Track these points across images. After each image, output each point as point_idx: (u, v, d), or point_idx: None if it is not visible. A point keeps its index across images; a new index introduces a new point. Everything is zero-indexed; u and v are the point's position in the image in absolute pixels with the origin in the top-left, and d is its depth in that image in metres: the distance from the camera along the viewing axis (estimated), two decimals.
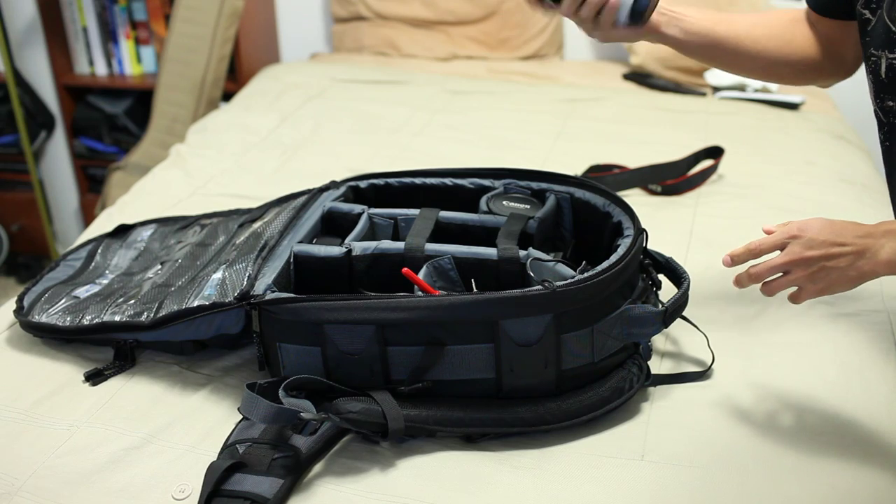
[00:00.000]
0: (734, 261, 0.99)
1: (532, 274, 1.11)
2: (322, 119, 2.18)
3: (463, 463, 1.00)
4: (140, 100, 2.85)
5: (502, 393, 1.04)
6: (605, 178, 1.70)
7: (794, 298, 0.99)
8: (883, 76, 1.01)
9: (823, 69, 1.20)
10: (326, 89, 2.40)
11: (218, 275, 1.19)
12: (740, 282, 0.99)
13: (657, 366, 1.17)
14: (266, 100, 2.34)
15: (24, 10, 2.84)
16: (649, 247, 1.21)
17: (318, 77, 2.49)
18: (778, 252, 0.98)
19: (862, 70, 1.12)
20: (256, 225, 1.32)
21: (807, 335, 1.24)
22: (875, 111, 1.06)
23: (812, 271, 0.95)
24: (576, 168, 1.80)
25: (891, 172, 1.07)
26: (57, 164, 3.04)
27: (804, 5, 1.21)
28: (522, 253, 1.14)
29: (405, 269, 1.09)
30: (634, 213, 1.19)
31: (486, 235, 1.22)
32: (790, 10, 1.23)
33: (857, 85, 1.43)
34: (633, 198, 1.72)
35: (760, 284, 0.99)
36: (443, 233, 1.24)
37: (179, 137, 2.47)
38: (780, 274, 0.98)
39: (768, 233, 0.99)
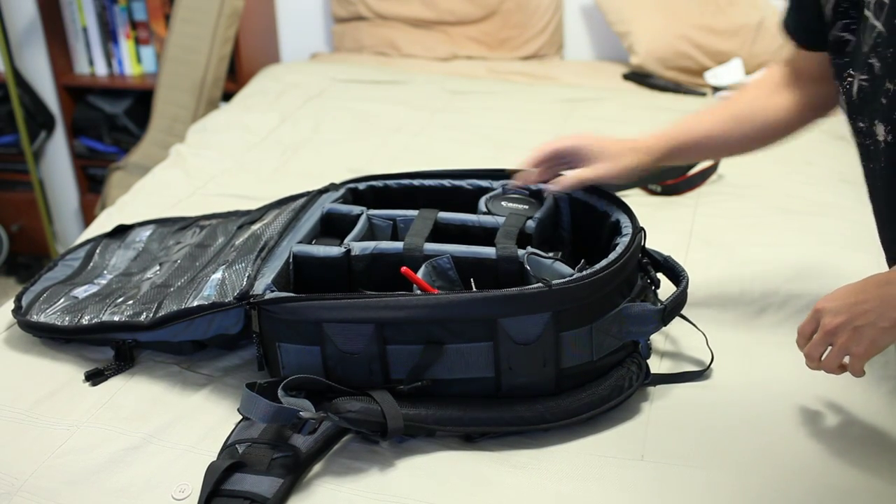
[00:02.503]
0: (799, 346, 1.02)
1: (529, 269, 1.11)
2: (322, 119, 2.18)
3: (462, 462, 1.00)
4: (140, 100, 2.85)
5: (501, 392, 1.04)
6: None
7: (851, 369, 0.98)
8: (855, 97, 1.01)
9: (807, 120, 1.21)
10: (326, 89, 2.40)
11: (217, 275, 1.19)
12: (808, 366, 1.01)
13: (657, 365, 1.17)
14: (266, 100, 2.34)
15: (24, 10, 2.85)
16: (648, 246, 1.21)
17: (318, 77, 2.49)
18: None
19: None
20: (256, 226, 1.32)
21: None
22: (850, 132, 1.06)
23: (848, 335, 0.95)
24: None
25: (871, 192, 1.07)
26: (57, 164, 3.04)
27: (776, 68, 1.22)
28: (521, 252, 1.14)
29: (404, 269, 1.09)
30: (632, 212, 1.19)
31: (484, 236, 1.22)
32: (762, 85, 1.22)
33: None
34: (633, 198, 1.72)
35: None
36: (442, 233, 1.24)
37: (179, 137, 2.47)
38: (829, 348, 0.98)
39: None
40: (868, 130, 1.00)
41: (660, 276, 1.20)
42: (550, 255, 1.14)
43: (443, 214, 1.26)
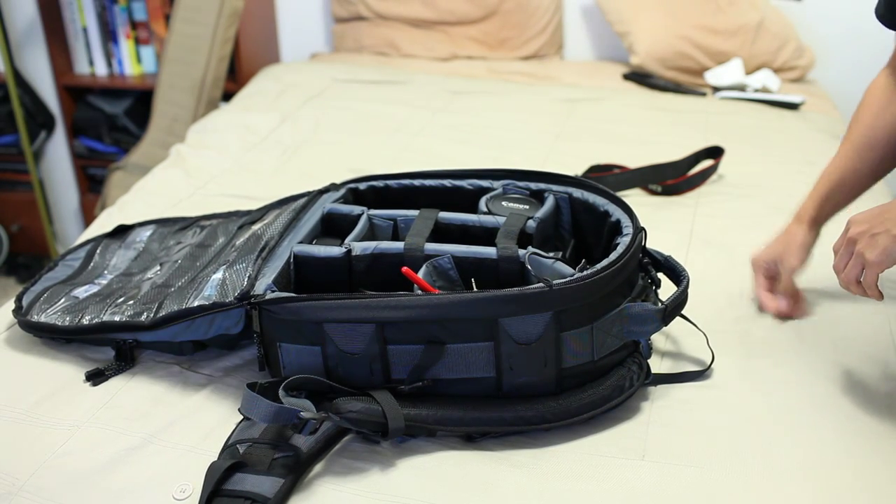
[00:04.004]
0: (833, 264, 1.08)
1: (530, 268, 1.11)
2: (322, 119, 2.18)
3: (463, 463, 1.00)
4: (140, 100, 2.85)
5: (502, 392, 1.04)
6: (606, 179, 1.70)
7: (865, 282, 1.02)
8: None
9: None
10: (326, 89, 2.40)
11: (218, 275, 1.19)
12: (840, 284, 1.07)
13: (657, 365, 1.18)
14: (266, 100, 2.34)
15: (24, 10, 2.85)
16: (649, 246, 1.21)
17: (318, 77, 2.49)
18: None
19: (861, 69, 1.13)
20: (256, 226, 1.32)
21: (806, 335, 1.24)
22: None
23: (865, 242, 1.01)
24: (576, 168, 1.80)
25: None
26: (57, 164, 3.04)
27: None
28: (522, 252, 1.14)
29: (405, 268, 1.09)
30: (633, 212, 1.19)
31: (485, 236, 1.22)
32: (873, 104, 1.25)
33: (857, 85, 1.42)
34: (634, 198, 1.72)
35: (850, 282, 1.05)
36: (442, 233, 1.24)
37: (179, 137, 2.47)
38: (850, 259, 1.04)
39: None
40: None
41: (660, 275, 1.20)
42: (551, 255, 1.14)
43: (443, 214, 1.26)
